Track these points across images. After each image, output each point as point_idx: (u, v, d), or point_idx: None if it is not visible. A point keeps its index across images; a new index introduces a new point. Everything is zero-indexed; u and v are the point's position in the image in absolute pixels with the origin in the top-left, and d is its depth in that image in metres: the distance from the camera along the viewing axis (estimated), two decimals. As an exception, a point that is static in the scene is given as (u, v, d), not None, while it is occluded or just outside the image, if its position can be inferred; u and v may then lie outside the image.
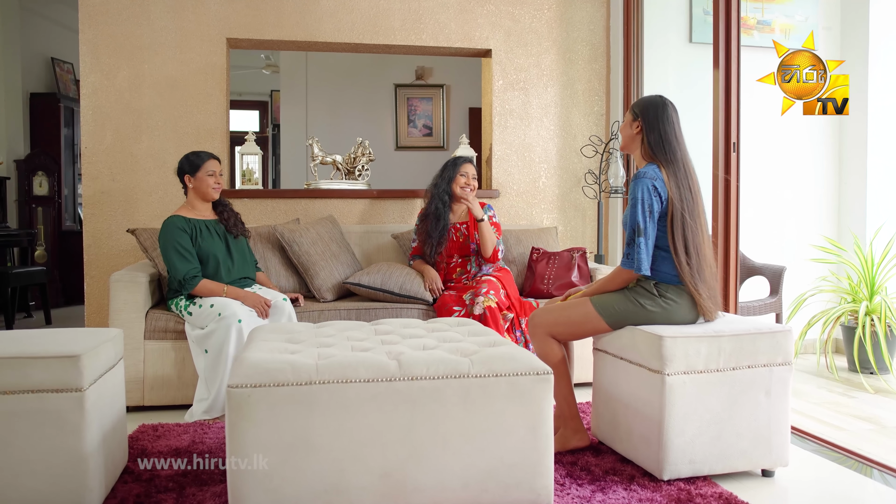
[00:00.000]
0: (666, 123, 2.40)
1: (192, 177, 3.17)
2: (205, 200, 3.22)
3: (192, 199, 3.21)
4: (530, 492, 1.99)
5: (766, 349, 2.31)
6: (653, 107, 2.41)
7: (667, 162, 2.35)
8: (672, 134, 2.38)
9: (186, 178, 3.17)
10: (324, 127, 6.75)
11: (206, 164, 3.17)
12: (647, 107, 2.42)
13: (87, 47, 3.79)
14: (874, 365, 3.74)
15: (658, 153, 2.37)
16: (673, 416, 2.23)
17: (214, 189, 3.19)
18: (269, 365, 1.89)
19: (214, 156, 3.22)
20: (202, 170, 3.16)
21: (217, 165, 3.21)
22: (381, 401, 1.90)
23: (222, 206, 3.27)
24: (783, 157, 4.55)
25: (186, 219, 3.12)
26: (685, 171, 2.37)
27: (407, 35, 4.15)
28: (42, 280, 5.85)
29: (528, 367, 1.99)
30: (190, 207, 3.21)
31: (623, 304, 2.38)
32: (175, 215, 3.12)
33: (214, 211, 3.27)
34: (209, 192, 3.18)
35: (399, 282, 3.41)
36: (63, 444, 1.89)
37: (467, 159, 3.62)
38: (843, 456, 2.59)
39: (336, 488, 1.88)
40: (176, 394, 3.14)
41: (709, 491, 2.18)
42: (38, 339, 2.05)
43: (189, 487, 2.20)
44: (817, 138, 4.59)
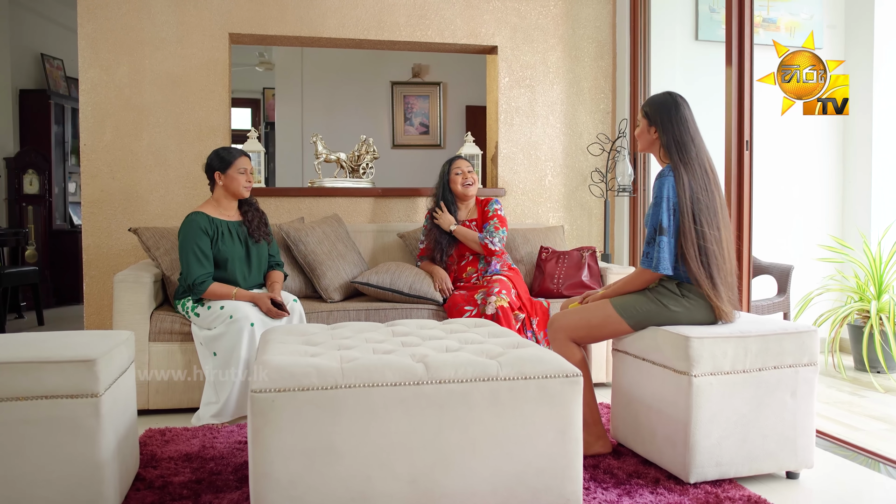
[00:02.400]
0: (679, 125, 2.36)
1: (224, 174, 3.06)
2: (235, 198, 3.12)
3: (220, 197, 3.10)
4: (559, 497, 1.94)
5: (791, 349, 2.28)
6: (665, 109, 2.38)
7: (683, 164, 2.31)
8: (687, 134, 2.34)
9: (217, 174, 3.07)
10: (320, 125, 6.66)
11: (237, 161, 3.07)
12: (658, 110, 2.39)
13: (85, 42, 3.70)
14: (883, 364, 3.73)
15: (672, 155, 2.34)
16: (700, 418, 2.19)
17: (246, 187, 3.09)
18: (293, 368, 1.82)
19: (245, 153, 3.12)
20: (233, 167, 3.06)
21: (248, 163, 3.11)
22: (409, 405, 1.84)
23: (248, 206, 3.17)
24: (787, 155, 4.54)
25: (210, 218, 3.03)
26: (702, 170, 2.33)
27: (412, 31, 4.09)
28: (34, 280, 5.73)
29: (558, 369, 1.94)
30: (215, 205, 3.11)
31: (645, 304, 2.34)
32: (199, 212, 3.02)
33: (240, 210, 3.17)
34: (241, 190, 3.08)
35: (408, 282, 3.36)
36: (78, 452, 1.82)
37: (457, 156, 3.63)
38: (863, 456, 2.57)
39: (363, 495, 1.82)
40: (182, 397, 3.06)
41: (737, 494, 2.14)
42: (49, 343, 1.97)
43: (204, 495, 2.14)
44: (821, 137, 4.58)
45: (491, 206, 3.54)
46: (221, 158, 3.07)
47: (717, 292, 2.28)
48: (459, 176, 3.52)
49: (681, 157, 2.32)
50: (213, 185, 3.11)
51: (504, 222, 3.51)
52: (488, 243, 3.43)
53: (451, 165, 3.57)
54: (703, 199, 2.29)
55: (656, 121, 2.39)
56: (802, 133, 4.54)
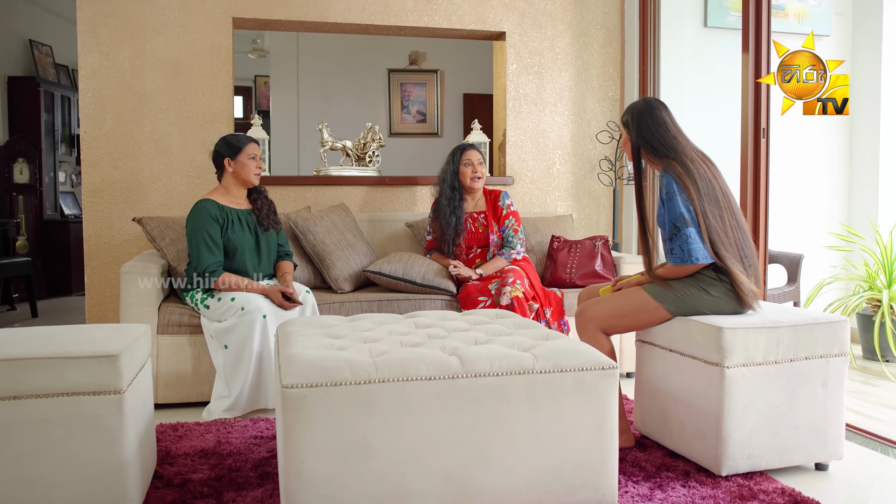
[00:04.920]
0: (658, 126, 2.36)
1: (234, 160, 2.97)
2: (244, 186, 3.04)
3: (229, 184, 3.02)
4: (595, 492, 1.90)
5: (823, 340, 2.25)
6: (639, 115, 2.38)
7: (675, 159, 2.31)
8: (668, 133, 2.35)
9: (227, 161, 2.97)
10: (316, 113, 6.55)
11: (247, 147, 2.98)
12: (633, 118, 2.39)
13: (85, 26, 3.58)
14: (895, 352, 3.73)
15: (660, 156, 2.34)
16: (732, 410, 2.15)
17: (256, 174, 3.01)
18: (325, 363, 1.76)
19: (254, 139, 3.04)
20: (244, 153, 2.97)
21: (257, 149, 3.02)
22: (444, 399, 1.78)
23: (257, 194, 3.09)
24: (794, 144, 4.51)
25: (220, 205, 2.94)
26: (699, 159, 2.33)
27: (419, 16, 4.00)
28: (27, 272, 5.60)
29: (594, 361, 1.90)
30: (224, 192, 3.02)
31: (685, 288, 2.28)
32: (208, 199, 2.94)
33: (249, 198, 3.09)
34: (251, 177, 3.00)
35: (421, 272, 3.29)
36: (101, 452, 1.75)
37: (470, 145, 3.51)
38: (885, 445, 2.55)
39: (397, 493, 1.76)
40: (191, 391, 2.99)
41: (770, 487, 2.11)
42: (67, 338, 1.89)
43: (226, 493, 2.07)
44: (829, 125, 4.56)
45: (503, 202, 3.46)
46: (230, 145, 2.98)
47: (748, 278, 2.25)
48: (469, 168, 3.43)
49: (668, 153, 2.33)
50: (221, 172, 3.02)
51: (519, 218, 3.46)
52: (515, 256, 3.38)
53: (463, 155, 3.45)
54: (707, 187, 2.27)
55: (635, 126, 2.39)
56: (809, 121, 4.51)
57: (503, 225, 3.43)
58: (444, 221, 3.42)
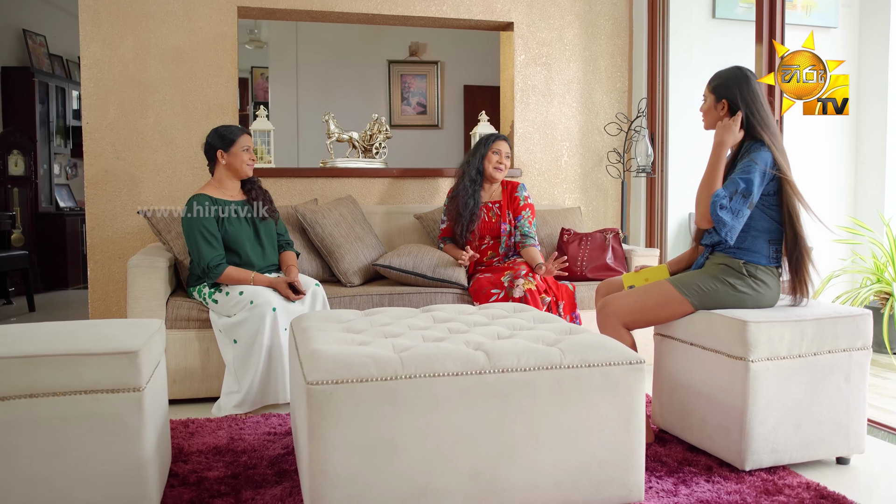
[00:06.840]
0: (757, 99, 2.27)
1: (227, 152, 2.93)
2: (237, 178, 2.99)
3: (222, 177, 2.97)
4: (622, 488, 1.87)
5: (846, 333, 2.22)
6: (736, 85, 2.27)
7: (770, 136, 2.24)
8: (763, 109, 2.27)
9: (219, 153, 2.93)
10: (315, 105, 6.48)
11: (239, 139, 2.94)
12: (730, 87, 2.28)
13: (87, 14, 3.50)
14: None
15: (756, 130, 2.27)
16: (756, 405, 2.13)
17: (249, 166, 2.97)
18: (350, 359, 1.72)
19: (247, 130, 2.99)
20: (237, 145, 2.92)
21: (250, 140, 2.98)
22: (471, 395, 1.75)
23: (251, 185, 3.04)
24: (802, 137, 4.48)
25: (214, 199, 2.90)
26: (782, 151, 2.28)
27: (426, 6, 3.95)
28: (23, 265, 5.51)
29: (621, 356, 1.87)
30: (218, 185, 2.97)
31: (710, 282, 2.25)
32: (201, 194, 2.89)
33: (243, 190, 3.05)
34: (244, 168, 2.95)
35: (431, 264, 3.25)
36: (120, 450, 1.70)
37: (502, 136, 3.46)
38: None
39: (423, 491, 1.73)
40: (200, 386, 2.94)
41: (794, 481, 2.09)
42: (83, 334, 1.83)
43: (244, 491, 2.03)
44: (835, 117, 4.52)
45: (520, 193, 3.43)
46: (223, 137, 2.94)
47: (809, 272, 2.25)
48: (496, 156, 3.39)
49: (765, 131, 2.24)
50: (213, 165, 2.98)
51: (534, 212, 3.46)
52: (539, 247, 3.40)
53: (493, 144, 3.41)
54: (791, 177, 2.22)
55: (731, 96, 2.28)
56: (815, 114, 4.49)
57: (519, 215, 3.40)
58: (462, 203, 3.37)
